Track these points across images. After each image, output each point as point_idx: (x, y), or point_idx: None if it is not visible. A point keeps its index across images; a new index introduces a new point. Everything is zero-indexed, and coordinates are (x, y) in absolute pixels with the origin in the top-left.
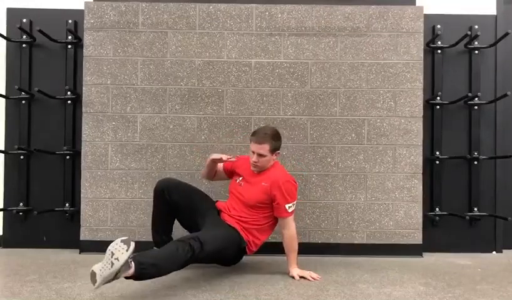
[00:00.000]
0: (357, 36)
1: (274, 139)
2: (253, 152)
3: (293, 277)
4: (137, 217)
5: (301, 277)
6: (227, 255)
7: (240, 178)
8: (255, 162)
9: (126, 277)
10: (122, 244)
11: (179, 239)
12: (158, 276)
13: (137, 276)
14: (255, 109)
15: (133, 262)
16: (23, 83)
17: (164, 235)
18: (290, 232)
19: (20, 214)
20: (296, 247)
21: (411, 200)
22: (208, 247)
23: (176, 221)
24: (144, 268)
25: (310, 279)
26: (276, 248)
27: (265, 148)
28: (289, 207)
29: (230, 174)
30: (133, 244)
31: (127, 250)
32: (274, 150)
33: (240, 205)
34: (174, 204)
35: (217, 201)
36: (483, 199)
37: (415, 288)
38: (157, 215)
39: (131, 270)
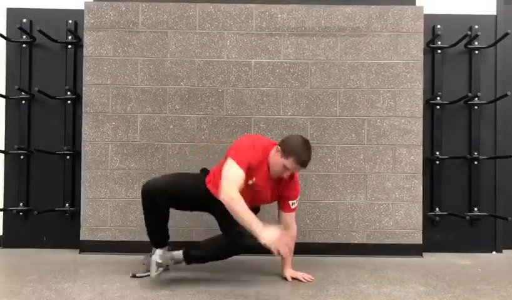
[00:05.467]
0: (357, 36)
1: None
2: (287, 169)
3: (285, 279)
4: (137, 217)
5: (293, 278)
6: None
7: (253, 180)
8: (284, 177)
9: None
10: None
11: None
12: (204, 261)
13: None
14: (255, 109)
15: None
16: (23, 83)
17: (163, 235)
18: (292, 233)
19: (20, 214)
20: (292, 248)
21: (411, 200)
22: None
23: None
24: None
25: (303, 279)
26: None
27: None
28: (292, 204)
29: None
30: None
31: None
32: None
33: (247, 198)
34: (166, 207)
35: (205, 174)
36: (483, 199)
37: (415, 288)
38: (151, 220)
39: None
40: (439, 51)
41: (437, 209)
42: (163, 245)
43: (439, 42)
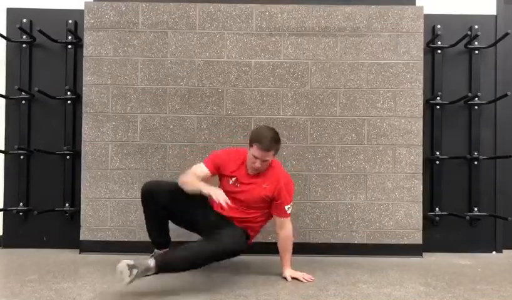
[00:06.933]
0: (357, 36)
1: (278, 143)
2: (256, 157)
3: (285, 278)
4: (137, 217)
5: (293, 278)
6: (239, 250)
7: (234, 178)
8: (259, 167)
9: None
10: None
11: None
12: (180, 270)
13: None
14: (255, 109)
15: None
16: (23, 83)
17: (164, 235)
18: (286, 233)
19: (20, 214)
20: (291, 248)
21: (411, 200)
22: (229, 246)
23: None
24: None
25: (303, 280)
26: (276, 248)
27: (270, 154)
28: (288, 208)
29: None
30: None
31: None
32: (276, 153)
33: (237, 206)
34: (165, 207)
35: None
36: (483, 199)
37: (415, 288)
38: (151, 219)
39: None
40: (439, 51)
41: (437, 209)
42: (165, 247)
43: (439, 42)
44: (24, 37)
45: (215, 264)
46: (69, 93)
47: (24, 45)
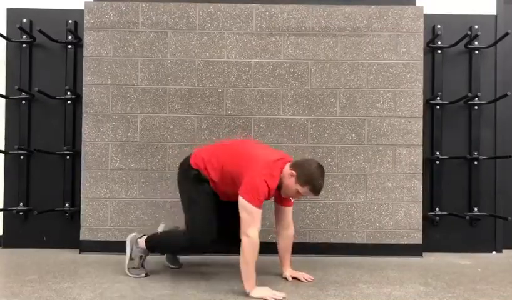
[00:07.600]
0: (357, 36)
1: None
2: (301, 194)
3: (285, 278)
4: (137, 217)
5: (293, 278)
6: None
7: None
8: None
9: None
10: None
11: None
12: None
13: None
14: (255, 109)
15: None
16: (23, 83)
17: None
18: (290, 232)
19: (20, 214)
20: (291, 247)
21: (411, 200)
22: None
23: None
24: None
25: (303, 280)
26: (276, 248)
27: None
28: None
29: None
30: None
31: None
32: None
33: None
34: None
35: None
36: (483, 199)
37: (415, 288)
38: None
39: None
40: (439, 51)
41: (437, 209)
42: None
43: (439, 42)
44: (24, 37)
45: (215, 262)
46: (69, 93)
47: (24, 45)
